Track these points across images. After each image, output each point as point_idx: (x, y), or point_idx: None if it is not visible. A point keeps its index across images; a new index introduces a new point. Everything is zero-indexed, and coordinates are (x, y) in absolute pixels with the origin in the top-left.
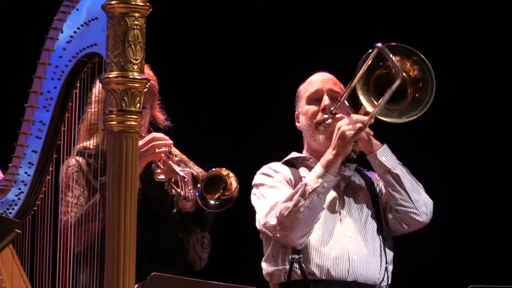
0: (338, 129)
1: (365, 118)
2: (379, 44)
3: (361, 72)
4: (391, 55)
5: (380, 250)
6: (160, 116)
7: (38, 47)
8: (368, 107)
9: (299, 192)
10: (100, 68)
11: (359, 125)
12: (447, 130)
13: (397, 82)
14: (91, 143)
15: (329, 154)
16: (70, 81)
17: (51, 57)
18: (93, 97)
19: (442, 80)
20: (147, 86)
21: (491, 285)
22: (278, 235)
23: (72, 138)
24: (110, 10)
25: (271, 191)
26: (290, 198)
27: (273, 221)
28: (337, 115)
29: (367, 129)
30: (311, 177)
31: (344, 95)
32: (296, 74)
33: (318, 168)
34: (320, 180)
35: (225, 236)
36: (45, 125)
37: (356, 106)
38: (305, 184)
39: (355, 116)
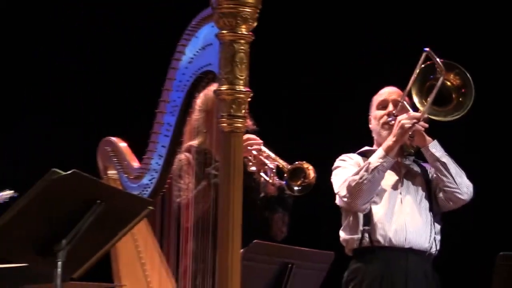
0: (399, 122)
1: (419, 114)
2: (427, 49)
3: (414, 74)
4: (436, 57)
5: (431, 224)
6: (248, 121)
7: (166, 67)
8: (420, 107)
9: (364, 168)
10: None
11: (414, 120)
12: (486, 127)
13: (441, 79)
14: (195, 143)
15: (389, 141)
16: (191, 92)
17: (176, 74)
18: (196, 106)
19: (480, 86)
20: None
21: None
22: (346, 201)
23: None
24: (221, 38)
25: (345, 171)
26: (357, 173)
27: (343, 191)
28: (398, 117)
29: (421, 122)
30: (374, 157)
31: (403, 97)
32: (367, 85)
33: (380, 151)
34: (380, 160)
35: (307, 213)
36: (171, 126)
37: (416, 111)
38: (369, 163)
39: (412, 113)
